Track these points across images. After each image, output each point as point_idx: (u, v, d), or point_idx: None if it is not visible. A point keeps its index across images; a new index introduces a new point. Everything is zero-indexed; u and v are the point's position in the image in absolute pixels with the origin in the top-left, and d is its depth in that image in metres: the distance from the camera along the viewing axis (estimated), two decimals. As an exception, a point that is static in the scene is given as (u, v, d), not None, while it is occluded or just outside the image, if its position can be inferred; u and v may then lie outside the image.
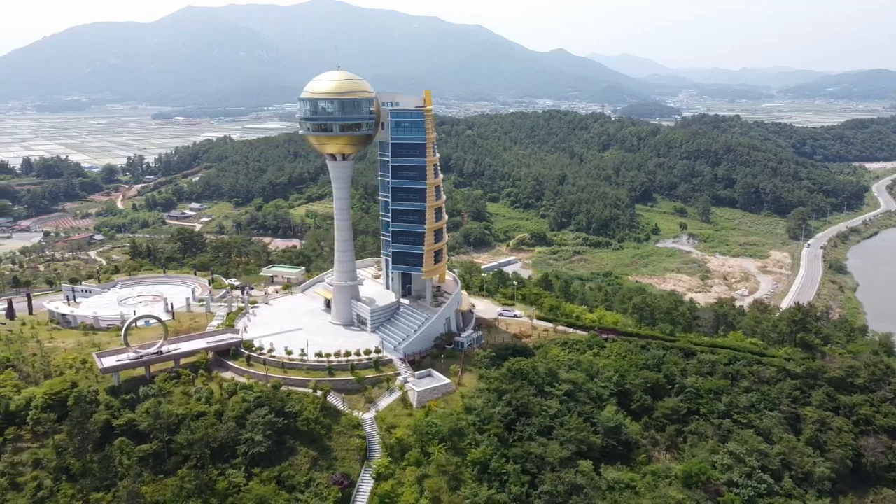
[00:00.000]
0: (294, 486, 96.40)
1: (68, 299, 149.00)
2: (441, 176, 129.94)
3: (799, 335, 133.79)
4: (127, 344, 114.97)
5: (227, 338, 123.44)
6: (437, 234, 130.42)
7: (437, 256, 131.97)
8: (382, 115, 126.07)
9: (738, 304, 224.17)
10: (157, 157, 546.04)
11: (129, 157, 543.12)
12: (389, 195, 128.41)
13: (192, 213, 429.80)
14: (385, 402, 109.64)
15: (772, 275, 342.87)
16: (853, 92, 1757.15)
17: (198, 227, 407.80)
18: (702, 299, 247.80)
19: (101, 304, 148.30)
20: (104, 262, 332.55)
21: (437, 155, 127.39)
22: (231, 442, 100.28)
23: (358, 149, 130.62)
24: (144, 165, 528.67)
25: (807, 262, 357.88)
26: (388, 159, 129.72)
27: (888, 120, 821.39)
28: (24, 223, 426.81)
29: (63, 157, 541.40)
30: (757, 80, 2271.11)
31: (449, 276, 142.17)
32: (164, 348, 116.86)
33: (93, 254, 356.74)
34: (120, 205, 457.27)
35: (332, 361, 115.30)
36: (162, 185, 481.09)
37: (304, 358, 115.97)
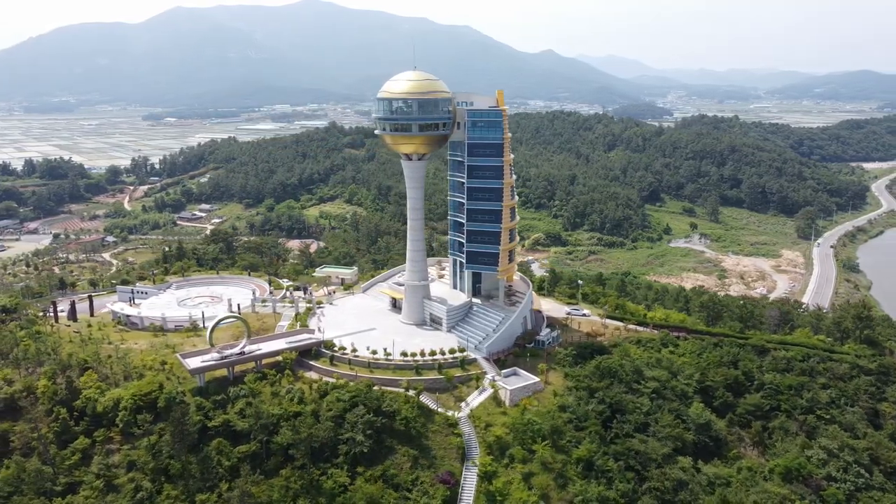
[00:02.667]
0: (399, 484, 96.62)
1: (130, 301, 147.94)
2: (515, 176, 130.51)
3: (865, 332, 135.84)
4: (212, 344, 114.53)
5: (306, 338, 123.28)
6: (511, 234, 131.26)
7: (510, 256, 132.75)
8: (459, 114, 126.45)
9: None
10: (161, 158, 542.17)
11: (133, 159, 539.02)
12: (464, 195, 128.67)
13: (203, 214, 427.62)
14: (477, 400, 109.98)
15: (787, 274, 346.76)
16: (840, 93, 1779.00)
17: (209, 228, 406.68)
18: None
19: (160, 306, 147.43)
20: (118, 264, 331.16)
21: (512, 155, 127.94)
22: (330, 442, 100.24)
23: (434, 149, 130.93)
24: (149, 167, 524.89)
25: (819, 262, 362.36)
26: (461, 159, 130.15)
27: (881, 120, 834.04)
28: (31, 225, 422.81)
29: (66, 158, 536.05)
30: (744, 81, 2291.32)
31: (516, 276, 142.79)
32: (246, 349, 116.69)
33: (106, 255, 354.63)
34: (128, 206, 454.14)
35: (418, 361, 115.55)
36: (169, 186, 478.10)
37: (390, 357, 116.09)
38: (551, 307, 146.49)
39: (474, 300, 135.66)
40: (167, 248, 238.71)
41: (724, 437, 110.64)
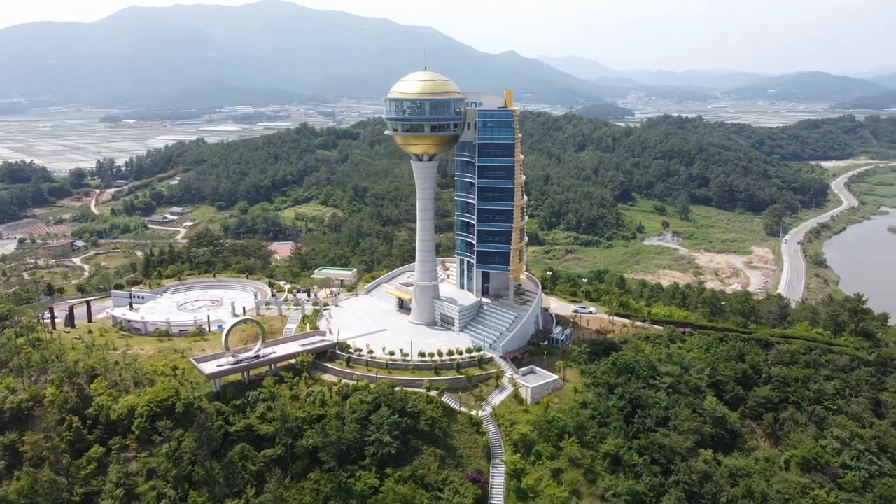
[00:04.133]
0: (429, 484, 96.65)
1: (130, 305, 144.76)
2: (524, 177, 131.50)
3: (860, 325, 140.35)
4: (227, 348, 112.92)
5: (319, 340, 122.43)
6: (521, 233, 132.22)
7: (520, 255, 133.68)
8: (469, 115, 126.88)
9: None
10: (127, 160, 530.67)
11: (98, 161, 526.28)
12: (475, 195, 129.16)
13: (175, 217, 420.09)
14: (497, 399, 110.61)
15: (759, 270, 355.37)
16: (793, 93, 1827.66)
17: (182, 231, 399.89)
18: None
19: (160, 310, 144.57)
20: (91, 269, 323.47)
21: (522, 155, 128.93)
22: (355, 443, 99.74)
23: (444, 149, 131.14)
24: (115, 169, 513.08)
25: (789, 258, 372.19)
26: (469, 159, 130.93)
27: (836, 120, 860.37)
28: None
29: (28, 161, 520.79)
30: (701, 82, 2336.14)
31: (522, 276, 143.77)
32: (260, 352, 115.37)
33: (77, 260, 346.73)
34: (95, 210, 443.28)
35: (436, 361, 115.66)
36: (137, 189, 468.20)
37: (408, 358, 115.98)
38: (557, 305, 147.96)
39: (483, 300, 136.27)
40: (149, 252, 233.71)
41: (739, 429, 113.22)
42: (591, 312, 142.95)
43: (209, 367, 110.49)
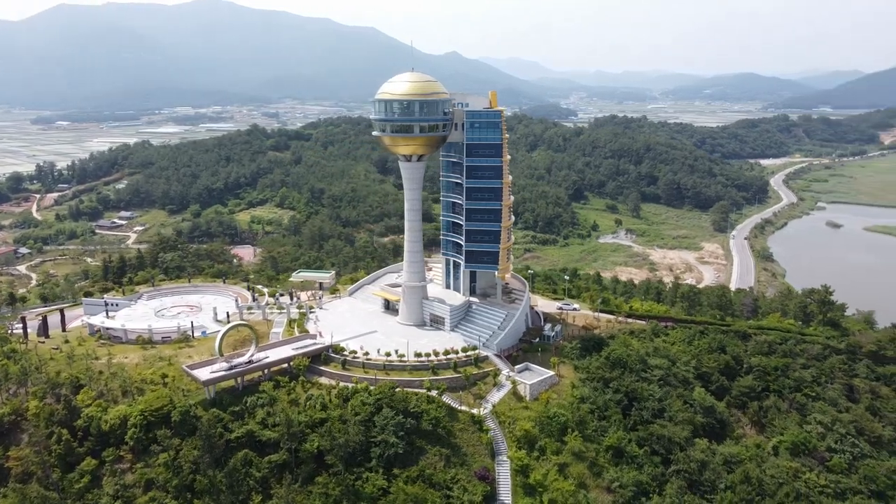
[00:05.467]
0: (437, 484, 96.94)
1: (106, 313, 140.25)
2: (510, 177, 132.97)
3: (828, 314, 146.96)
4: (221, 353, 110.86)
5: (311, 343, 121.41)
6: (509, 232, 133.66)
7: (508, 254, 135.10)
8: (457, 115, 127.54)
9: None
10: (69, 164, 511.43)
11: (38, 165, 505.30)
12: (463, 195, 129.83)
13: (124, 222, 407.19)
14: (497, 396, 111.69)
15: (710, 265, 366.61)
16: (727, 94, 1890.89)
17: (132, 236, 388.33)
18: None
19: (137, 317, 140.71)
20: (38, 277, 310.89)
21: (509, 156, 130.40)
22: (361, 446, 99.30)
23: (432, 150, 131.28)
24: (56, 173, 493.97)
25: (737, 252, 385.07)
26: (456, 160, 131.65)
27: (772, 120, 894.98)
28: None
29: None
30: (638, 83, 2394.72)
31: (507, 275, 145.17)
32: (254, 357, 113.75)
33: (22, 268, 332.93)
34: (37, 215, 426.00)
35: (432, 361, 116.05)
36: (82, 193, 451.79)
37: (404, 359, 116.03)
38: (541, 303, 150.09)
39: (471, 299, 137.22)
40: (108, 259, 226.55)
41: (727, 418, 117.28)
42: (574, 309, 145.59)
43: (203, 374, 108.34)
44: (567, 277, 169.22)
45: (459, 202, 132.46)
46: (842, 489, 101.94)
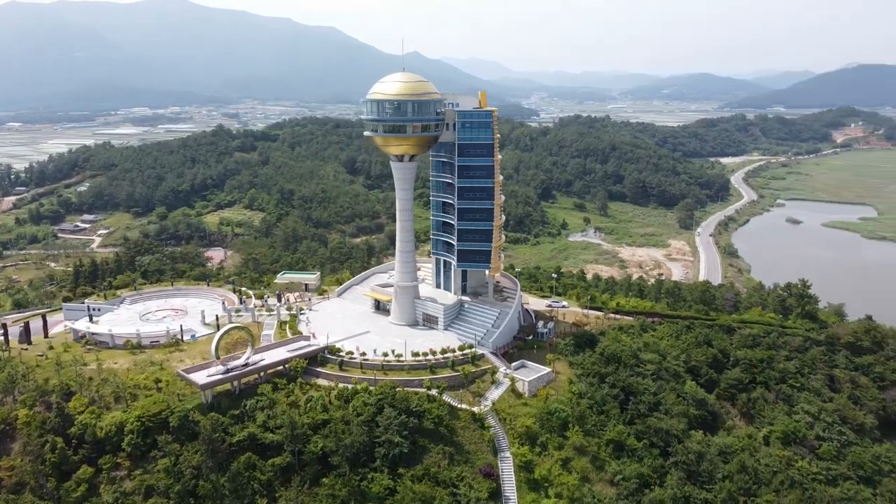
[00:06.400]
0: (443, 482, 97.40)
1: (90, 318, 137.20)
2: (501, 176, 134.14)
3: (806, 307, 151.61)
4: (217, 357, 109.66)
5: (306, 345, 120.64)
6: (500, 231, 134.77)
7: (499, 253, 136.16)
8: (448, 115, 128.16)
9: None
10: (27, 165, 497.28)
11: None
12: (454, 195, 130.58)
13: (87, 225, 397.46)
14: (495, 394, 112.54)
15: (678, 262, 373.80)
16: (684, 94, 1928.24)
17: (96, 240, 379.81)
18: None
19: (121, 321, 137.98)
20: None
21: (500, 155, 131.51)
22: (365, 446, 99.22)
23: (424, 150, 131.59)
24: (13, 176, 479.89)
25: (703, 249, 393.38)
26: (445, 159, 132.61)
27: (730, 119, 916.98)
28: None
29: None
30: (597, 83, 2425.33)
31: (497, 273, 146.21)
32: (250, 360, 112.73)
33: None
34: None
35: (430, 360, 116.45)
36: (41, 196, 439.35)
37: (402, 359, 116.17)
38: (529, 301, 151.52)
39: (463, 298, 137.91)
40: (79, 263, 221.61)
41: (718, 410, 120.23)
42: (563, 306, 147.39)
43: (201, 378, 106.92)
44: (555, 275, 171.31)
45: (450, 202, 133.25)
46: (833, 476, 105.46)
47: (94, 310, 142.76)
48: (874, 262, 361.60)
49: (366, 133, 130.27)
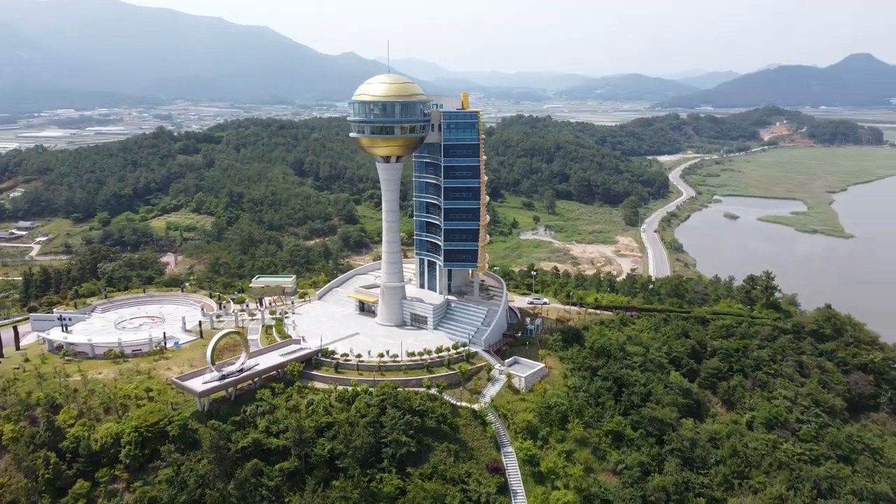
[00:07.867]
0: (452, 479, 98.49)
1: (65, 328, 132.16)
2: (486, 177, 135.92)
3: (770, 298, 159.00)
4: (213, 363, 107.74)
5: (299, 348, 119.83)
6: (485, 231, 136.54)
7: (483, 252, 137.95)
8: (434, 116, 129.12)
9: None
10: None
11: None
12: (440, 196, 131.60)
13: (24, 232, 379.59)
14: (493, 391, 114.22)
15: (627, 257, 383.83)
16: (616, 94, 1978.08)
17: (35, 248, 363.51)
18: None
19: (95, 330, 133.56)
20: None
21: (485, 156, 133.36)
22: (371, 447, 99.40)
23: (410, 151, 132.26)
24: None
25: (650, 245, 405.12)
26: (429, 160, 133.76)
27: (665, 118, 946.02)
28: None
29: None
30: (532, 83, 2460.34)
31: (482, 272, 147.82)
32: (245, 365, 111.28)
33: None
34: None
35: (426, 360, 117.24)
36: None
37: (398, 359, 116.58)
38: (514, 299, 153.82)
39: (448, 297, 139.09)
40: (29, 272, 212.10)
41: (701, 398, 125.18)
42: (545, 303, 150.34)
43: (197, 385, 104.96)
44: (533, 273, 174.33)
45: (435, 202, 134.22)
46: (815, 455, 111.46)
47: (66, 319, 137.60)
48: (810, 254, 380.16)
49: (351, 134, 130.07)
